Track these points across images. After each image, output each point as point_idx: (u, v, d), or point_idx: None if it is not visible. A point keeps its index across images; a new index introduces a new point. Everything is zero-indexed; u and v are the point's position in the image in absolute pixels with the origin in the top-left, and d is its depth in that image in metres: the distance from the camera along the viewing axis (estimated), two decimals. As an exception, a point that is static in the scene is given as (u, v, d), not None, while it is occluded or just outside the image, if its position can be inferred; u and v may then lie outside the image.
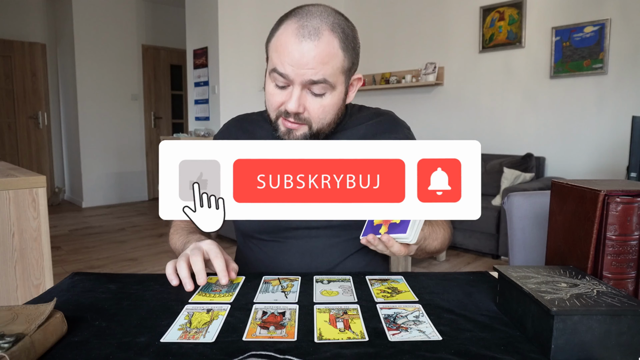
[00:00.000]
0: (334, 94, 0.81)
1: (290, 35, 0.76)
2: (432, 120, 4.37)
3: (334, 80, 0.78)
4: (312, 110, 0.80)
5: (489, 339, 0.54)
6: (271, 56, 0.79)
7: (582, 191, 0.69)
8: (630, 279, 0.66)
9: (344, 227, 0.87)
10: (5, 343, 0.44)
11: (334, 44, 0.76)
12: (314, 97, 0.79)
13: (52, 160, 5.61)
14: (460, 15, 4.07)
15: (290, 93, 0.78)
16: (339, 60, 0.78)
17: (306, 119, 0.81)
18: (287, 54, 0.75)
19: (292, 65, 0.75)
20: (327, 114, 0.82)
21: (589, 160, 3.42)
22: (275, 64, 0.77)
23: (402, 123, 1.00)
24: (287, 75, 0.76)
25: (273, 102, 0.81)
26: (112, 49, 5.36)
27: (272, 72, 0.78)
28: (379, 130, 0.94)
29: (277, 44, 0.78)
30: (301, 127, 0.81)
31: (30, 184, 1.36)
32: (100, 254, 3.43)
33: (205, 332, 0.55)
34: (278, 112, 0.81)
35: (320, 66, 0.76)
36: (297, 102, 0.78)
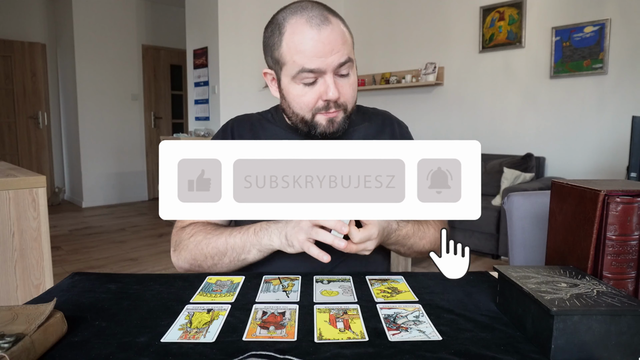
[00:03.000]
0: (354, 70, 0.84)
1: (306, 30, 0.77)
2: (432, 120, 4.37)
3: (353, 56, 0.83)
4: (346, 92, 0.83)
5: (489, 339, 0.54)
6: (292, 60, 0.79)
7: (582, 191, 0.69)
8: (630, 279, 0.66)
9: None
10: (5, 343, 0.44)
11: (340, 24, 0.80)
12: (343, 78, 0.82)
13: (52, 160, 5.61)
14: (460, 15, 4.07)
15: (323, 84, 0.80)
16: (349, 37, 0.82)
17: (342, 104, 0.83)
18: (312, 47, 0.77)
19: (319, 56, 0.77)
20: (354, 90, 0.85)
21: (589, 160, 3.42)
22: (302, 63, 0.78)
23: (400, 122, 1.01)
24: (318, 69, 0.78)
25: (307, 102, 0.82)
26: (112, 49, 5.36)
27: (299, 73, 0.79)
28: (379, 130, 0.95)
29: (296, 44, 0.78)
30: (339, 113, 0.83)
31: (30, 184, 1.36)
32: (100, 254, 3.43)
33: (206, 332, 0.55)
34: (315, 109, 0.82)
35: (342, 47, 0.79)
36: (335, 88, 0.79)
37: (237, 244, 0.82)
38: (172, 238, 0.91)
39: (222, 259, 0.83)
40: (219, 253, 0.83)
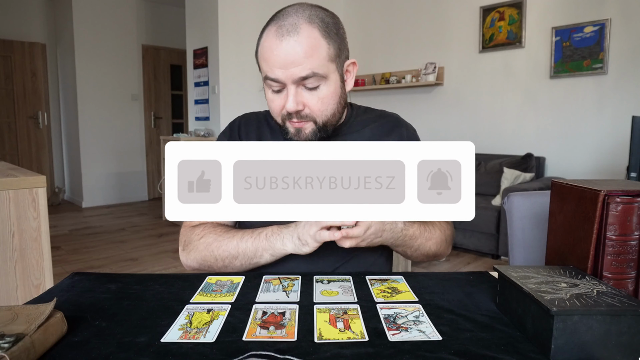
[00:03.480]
0: (329, 83, 0.81)
1: (271, 39, 0.77)
2: (432, 120, 4.37)
3: (324, 71, 0.78)
4: (312, 105, 0.81)
5: (489, 339, 0.54)
6: (261, 65, 0.81)
7: (582, 191, 0.69)
8: (630, 279, 0.66)
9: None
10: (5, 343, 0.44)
11: (314, 34, 0.76)
12: (310, 91, 0.80)
13: (52, 160, 5.61)
14: (460, 15, 4.07)
15: (286, 94, 0.79)
16: (323, 49, 0.78)
17: (308, 115, 0.81)
18: (273, 57, 0.77)
19: (279, 67, 0.76)
20: (328, 105, 0.82)
21: (589, 160, 3.42)
22: (266, 71, 0.79)
23: (408, 125, 1.00)
24: (278, 79, 0.78)
25: (275, 108, 0.83)
26: (112, 49, 5.36)
27: (265, 79, 0.80)
28: (385, 132, 0.95)
29: (263, 52, 0.79)
30: (307, 124, 0.82)
31: (30, 184, 1.36)
32: (100, 254, 3.43)
33: (206, 332, 0.55)
34: (282, 115, 0.83)
35: (306, 60, 0.76)
36: (294, 100, 0.79)
37: (249, 249, 0.81)
38: (181, 237, 0.91)
39: (233, 262, 0.83)
40: (230, 256, 0.83)
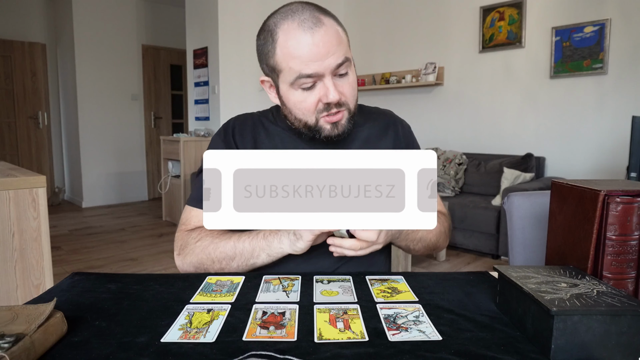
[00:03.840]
0: (352, 68, 0.83)
1: (299, 35, 0.75)
2: (432, 120, 4.37)
3: (349, 55, 0.81)
4: (347, 92, 0.81)
5: (489, 339, 0.54)
6: (288, 66, 0.77)
7: (582, 191, 0.69)
8: (630, 279, 0.66)
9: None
10: (5, 343, 0.44)
11: (333, 24, 0.79)
12: (342, 78, 0.80)
13: (52, 160, 5.61)
14: (460, 15, 4.07)
15: (322, 87, 0.78)
16: (344, 36, 0.81)
17: (344, 103, 0.81)
18: (307, 52, 0.75)
19: (316, 60, 0.75)
20: (354, 89, 0.84)
21: (589, 160, 3.42)
22: (299, 69, 0.76)
23: (403, 122, 1.01)
24: (316, 73, 0.76)
25: (308, 107, 0.81)
26: (112, 49, 5.36)
27: (297, 79, 0.77)
28: (381, 130, 0.95)
29: (290, 50, 0.76)
30: (343, 114, 0.82)
31: (30, 184, 1.36)
32: (100, 254, 3.43)
33: (206, 332, 0.55)
34: (317, 112, 0.81)
35: (338, 47, 0.77)
36: (335, 89, 0.78)
37: (246, 249, 0.81)
38: (177, 241, 0.89)
39: (230, 263, 0.82)
40: (227, 257, 0.82)
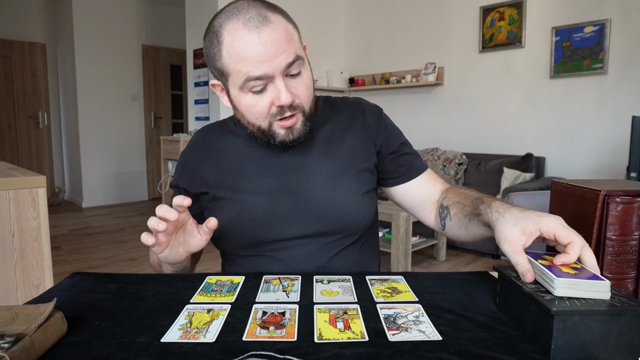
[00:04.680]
0: (306, 67, 0.78)
1: (244, 36, 0.71)
2: (432, 120, 4.37)
3: (301, 53, 0.77)
4: (301, 93, 0.77)
5: (489, 339, 0.54)
6: (236, 69, 0.73)
7: (582, 191, 0.69)
8: (630, 279, 0.66)
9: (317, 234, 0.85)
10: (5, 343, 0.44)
11: (282, 21, 0.74)
12: (295, 78, 0.76)
13: (52, 160, 5.61)
14: (460, 15, 4.07)
15: (274, 90, 0.74)
16: (294, 32, 0.76)
17: (298, 105, 0.77)
18: (255, 53, 0.71)
19: (264, 61, 0.71)
20: (310, 89, 0.79)
21: (589, 160, 3.43)
22: (246, 72, 0.72)
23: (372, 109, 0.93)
24: (265, 74, 0.72)
25: (260, 111, 0.76)
26: (112, 49, 5.37)
27: (246, 82, 0.73)
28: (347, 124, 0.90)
29: (236, 54, 0.72)
30: (298, 117, 0.78)
31: (30, 184, 1.36)
32: (100, 254, 3.43)
33: (206, 332, 0.55)
34: (270, 116, 0.76)
35: (287, 45, 0.72)
36: (287, 91, 0.74)
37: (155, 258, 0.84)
38: None
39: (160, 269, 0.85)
40: (155, 264, 0.87)
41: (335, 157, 0.86)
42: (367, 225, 0.89)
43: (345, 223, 0.85)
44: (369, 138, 0.89)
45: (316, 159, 0.86)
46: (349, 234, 0.87)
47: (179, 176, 0.92)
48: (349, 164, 0.86)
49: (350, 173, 0.86)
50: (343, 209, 0.84)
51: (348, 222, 0.85)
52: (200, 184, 0.88)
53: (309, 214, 0.84)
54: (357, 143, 0.88)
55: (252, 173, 0.85)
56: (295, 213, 0.84)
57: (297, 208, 0.84)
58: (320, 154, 0.86)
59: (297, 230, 0.84)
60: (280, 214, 0.83)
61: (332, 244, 0.86)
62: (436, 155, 4.03)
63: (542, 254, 0.61)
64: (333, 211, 0.84)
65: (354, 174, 0.86)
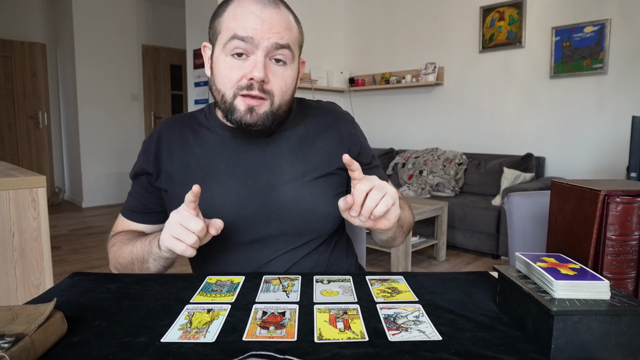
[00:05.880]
0: (293, 67, 0.79)
1: (249, 4, 0.74)
2: (432, 120, 4.37)
3: (294, 49, 0.79)
4: (275, 81, 0.76)
5: (489, 339, 0.54)
6: (227, 26, 0.75)
7: (582, 191, 0.69)
8: (630, 279, 0.66)
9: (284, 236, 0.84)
10: (5, 343, 0.44)
11: (290, 15, 0.79)
12: (277, 66, 0.77)
13: (52, 160, 5.61)
14: (460, 15, 4.07)
15: (253, 62, 0.74)
16: (296, 31, 0.79)
17: (269, 92, 0.76)
18: (251, 18, 0.73)
19: (256, 28, 0.73)
20: (288, 87, 0.79)
21: (589, 160, 3.43)
22: (235, 29, 0.74)
23: (345, 116, 0.94)
24: (251, 38, 0.73)
25: (231, 77, 0.76)
26: (112, 49, 5.36)
27: (231, 40, 0.74)
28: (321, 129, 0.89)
29: (235, 13, 0.75)
30: (263, 103, 0.77)
31: (30, 184, 1.36)
32: (100, 254, 3.43)
33: (206, 332, 0.55)
34: (237, 87, 0.76)
35: (285, 31, 0.76)
36: (263, 68, 0.74)
37: (139, 254, 0.79)
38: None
39: (132, 268, 0.81)
40: (129, 263, 0.82)
41: (306, 158, 0.85)
42: (334, 227, 0.89)
43: (313, 224, 0.84)
44: (343, 145, 0.89)
45: (287, 159, 0.85)
46: (315, 237, 0.86)
47: (143, 163, 0.87)
48: (319, 165, 0.86)
49: (320, 175, 0.85)
50: (311, 210, 0.83)
51: (315, 223, 0.84)
52: (165, 178, 0.85)
53: (276, 215, 0.82)
54: (329, 148, 0.88)
55: (220, 171, 0.83)
56: (263, 213, 0.82)
57: (265, 208, 0.82)
58: (291, 154, 0.85)
59: (263, 231, 0.83)
60: (248, 214, 0.82)
61: (300, 248, 0.85)
62: (436, 155, 4.03)
63: (540, 256, 0.61)
64: (302, 212, 0.83)
65: (323, 176, 0.86)
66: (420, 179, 3.96)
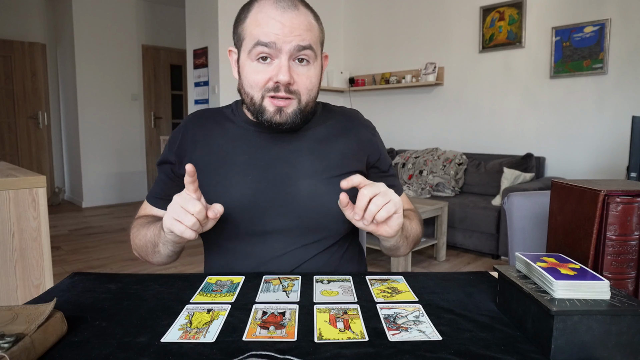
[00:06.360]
0: (316, 65, 0.82)
1: (270, 9, 0.77)
2: (432, 120, 4.37)
3: (316, 48, 0.81)
4: (301, 81, 0.79)
5: (489, 339, 0.54)
6: (250, 33, 0.78)
7: (582, 191, 0.69)
8: (630, 279, 0.66)
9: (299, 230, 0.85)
10: (5, 343, 0.44)
11: (310, 15, 0.80)
12: (301, 66, 0.79)
13: (52, 160, 5.61)
14: (460, 15, 4.07)
15: (277, 66, 0.77)
16: (317, 30, 0.81)
17: (295, 92, 0.79)
18: (272, 23, 0.76)
19: (278, 33, 0.75)
20: (314, 85, 0.82)
21: (589, 160, 3.42)
22: (258, 35, 0.77)
23: (367, 123, 0.98)
24: (274, 43, 0.76)
25: (258, 80, 0.79)
26: (112, 49, 5.36)
27: (255, 46, 0.77)
28: (341, 131, 0.92)
29: (257, 19, 0.77)
30: (291, 103, 0.80)
31: (30, 184, 1.36)
32: (100, 254, 3.43)
33: (206, 332, 0.55)
34: (264, 90, 0.79)
35: (306, 33, 0.78)
36: (287, 71, 0.77)
37: (151, 238, 0.80)
38: None
39: (147, 252, 0.83)
40: (144, 246, 0.84)
41: (325, 158, 0.88)
42: (347, 229, 0.90)
43: (326, 221, 0.85)
44: (363, 151, 0.92)
45: (307, 155, 0.87)
46: (328, 235, 0.87)
47: (167, 154, 0.91)
48: (338, 166, 0.88)
49: (338, 174, 0.87)
50: (328, 206, 0.84)
51: (328, 220, 0.85)
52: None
53: (293, 208, 0.84)
54: (349, 151, 0.90)
55: (241, 162, 0.86)
56: (280, 205, 0.84)
57: (282, 200, 0.84)
58: (312, 151, 0.88)
59: (279, 223, 0.84)
60: (264, 204, 0.84)
61: (312, 245, 0.86)
62: (436, 155, 4.03)
63: (540, 256, 0.62)
64: (317, 207, 0.84)
65: (341, 176, 0.86)
66: (420, 179, 3.96)
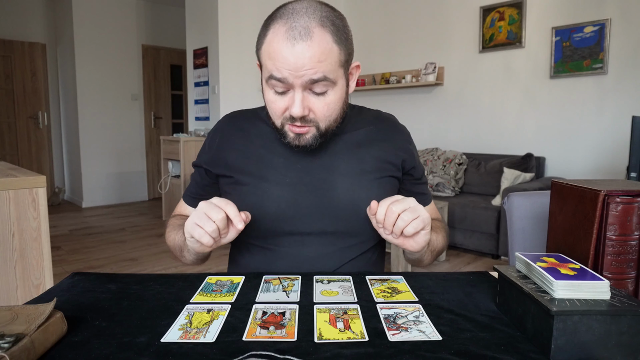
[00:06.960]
0: (336, 89, 0.78)
1: (281, 40, 0.72)
2: (432, 120, 4.37)
3: (334, 76, 0.75)
4: (318, 110, 0.77)
5: (489, 339, 0.54)
6: (265, 63, 0.76)
7: (582, 191, 0.69)
8: (630, 279, 0.66)
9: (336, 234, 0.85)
10: (5, 343, 0.44)
11: (327, 39, 0.73)
12: (317, 96, 0.76)
13: (52, 160, 5.61)
14: (460, 15, 4.07)
15: (292, 97, 0.75)
16: (334, 55, 0.74)
17: (312, 120, 0.78)
18: (282, 59, 0.72)
19: (288, 69, 0.72)
20: (333, 111, 0.79)
21: (589, 160, 3.42)
22: (271, 70, 0.74)
23: (403, 129, 0.97)
24: (286, 79, 0.73)
25: (276, 109, 0.78)
26: (112, 49, 5.36)
27: (269, 79, 0.75)
28: (381, 137, 0.92)
29: (270, 50, 0.74)
30: (309, 130, 0.79)
31: (30, 184, 1.36)
32: (100, 254, 3.43)
33: (206, 332, 0.55)
34: (283, 118, 0.78)
35: (318, 65, 0.72)
36: (301, 105, 0.75)
37: (179, 242, 0.83)
38: None
39: (177, 254, 0.86)
40: (173, 248, 0.87)
41: (362, 161, 0.88)
42: None
43: (365, 225, 0.84)
44: (399, 157, 0.91)
45: (343, 160, 0.87)
46: (366, 239, 0.88)
47: (202, 156, 0.94)
48: (374, 169, 0.88)
49: (375, 178, 0.87)
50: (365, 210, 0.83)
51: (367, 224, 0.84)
52: (223, 167, 0.89)
53: (331, 212, 0.84)
54: (385, 155, 0.90)
55: (278, 164, 0.86)
56: (318, 209, 0.84)
57: (320, 204, 0.84)
58: (347, 155, 0.88)
59: (317, 226, 0.85)
60: (302, 208, 0.84)
61: (350, 248, 0.86)
62: (436, 155, 4.03)
63: (540, 256, 0.61)
64: (355, 211, 0.84)
65: (378, 179, 0.88)
66: (420, 179, 3.95)
